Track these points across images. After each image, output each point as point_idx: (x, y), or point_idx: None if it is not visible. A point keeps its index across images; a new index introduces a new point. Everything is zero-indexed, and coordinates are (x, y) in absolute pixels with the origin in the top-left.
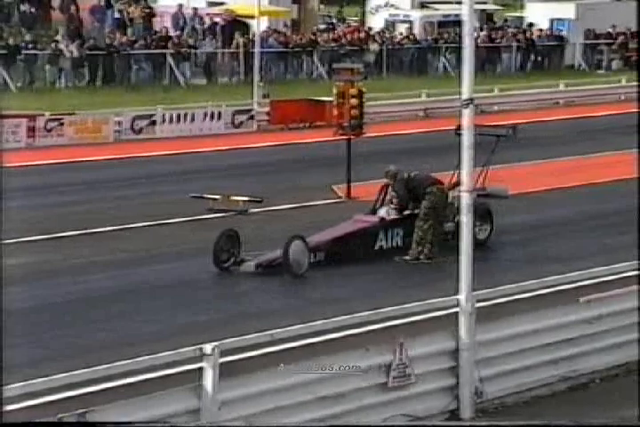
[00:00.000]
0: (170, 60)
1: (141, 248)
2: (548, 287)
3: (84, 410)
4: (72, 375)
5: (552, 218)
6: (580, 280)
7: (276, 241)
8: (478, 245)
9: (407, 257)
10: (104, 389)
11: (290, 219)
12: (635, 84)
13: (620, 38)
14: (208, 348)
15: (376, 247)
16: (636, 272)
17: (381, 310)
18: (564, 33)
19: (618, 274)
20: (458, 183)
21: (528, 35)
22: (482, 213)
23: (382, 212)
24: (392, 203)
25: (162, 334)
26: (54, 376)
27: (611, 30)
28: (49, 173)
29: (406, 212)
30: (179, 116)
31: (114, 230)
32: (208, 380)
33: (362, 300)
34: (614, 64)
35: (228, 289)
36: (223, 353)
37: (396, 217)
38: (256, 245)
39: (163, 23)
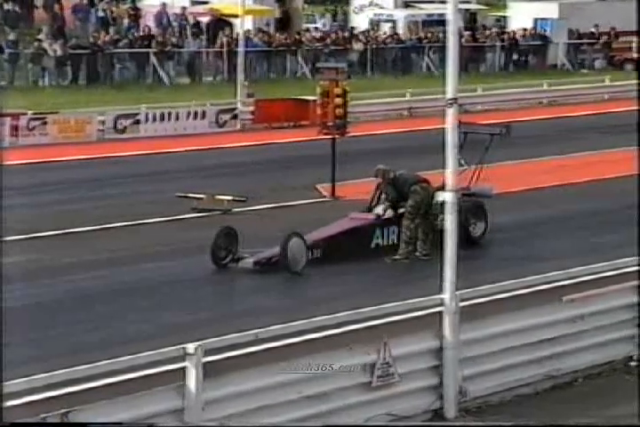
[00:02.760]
0: (154, 59)
1: (127, 248)
2: (532, 286)
3: (66, 410)
4: (54, 375)
5: (539, 217)
6: (564, 279)
7: (261, 240)
8: (472, 242)
9: (397, 256)
10: (88, 389)
11: (274, 218)
12: (618, 83)
13: (604, 38)
14: (191, 347)
15: (372, 245)
16: (614, 272)
17: (365, 310)
18: (547, 32)
19: (601, 273)
20: None
21: (511, 34)
22: (476, 211)
23: (378, 210)
24: (388, 201)
25: (152, 333)
26: (35, 376)
27: (594, 30)
28: (32, 172)
29: (401, 210)
30: (162, 116)
31: (98, 230)
32: (191, 379)
33: (354, 298)
34: (598, 63)
35: (218, 288)
36: (207, 352)
37: (391, 215)
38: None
39: (146, 22)
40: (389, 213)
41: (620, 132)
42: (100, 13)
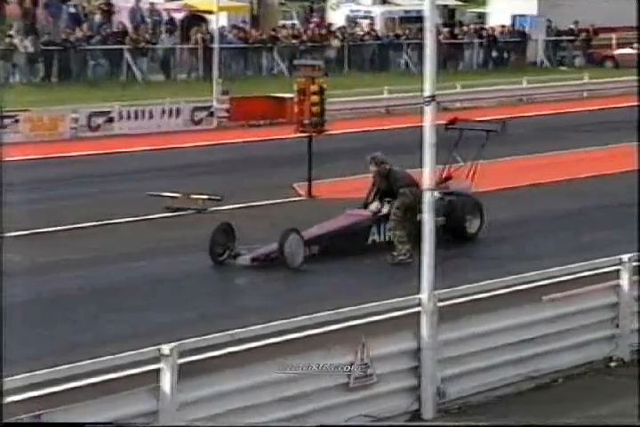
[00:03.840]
0: (127, 55)
1: (103, 247)
2: (511, 286)
3: (39, 412)
4: (30, 377)
5: (525, 215)
6: (544, 279)
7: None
8: (466, 239)
9: (401, 257)
10: (62, 390)
11: (249, 217)
12: (598, 80)
13: (583, 35)
14: (166, 348)
15: (369, 242)
16: (594, 271)
17: (343, 310)
18: (526, 29)
19: (581, 273)
20: (447, 178)
21: (490, 31)
22: (471, 208)
23: (375, 205)
24: (377, 192)
25: (133, 333)
26: (8, 378)
27: (573, 27)
28: (4, 170)
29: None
30: (136, 113)
31: (71, 229)
32: (166, 381)
33: (340, 298)
34: (577, 61)
35: (200, 287)
36: (183, 354)
37: (388, 211)
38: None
39: (119, 18)
40: (385, 209)
41: (600, 131)
42: (72, 9)
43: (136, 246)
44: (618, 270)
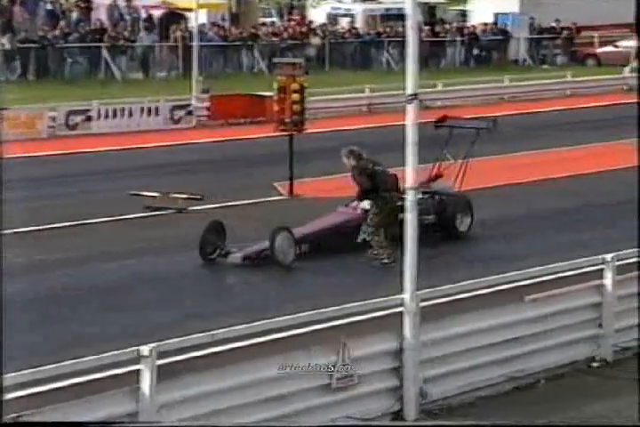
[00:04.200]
0: (105, 53)
1: (82, 247)
2: (494, 286)
3: (16, 414)
4: (7, 378)
5: (509, 214)
6: (526, 279)
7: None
8: (457, 238)
9: (385, 260)
10: (40, 392)
11: (230, 217)
12: (580, 79)
13: (565, 33)
14: (145, 349)
15: (359, 240)
16: (576, 271)
17: (325, 310)
18: (508, 27)
19: (563, 272)
20: (438, 176)
21: (472, 29)
22: (461, 206)
23: (365, 204)
24: (360, 190)
25: (117, 333)
26: None
27: (555, 25)
28: None
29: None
30: (115, 112)
31: (50, 229)
32: (145, 382)
33: (331, 297)
34: (559, 59)
35: (191, 286)
36: (162, 355)
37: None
38: (195, 245)
39: (97, 15)
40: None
41: (583, 129)
42: (49, 6)
43: (118, 246)
44: (601, 270)
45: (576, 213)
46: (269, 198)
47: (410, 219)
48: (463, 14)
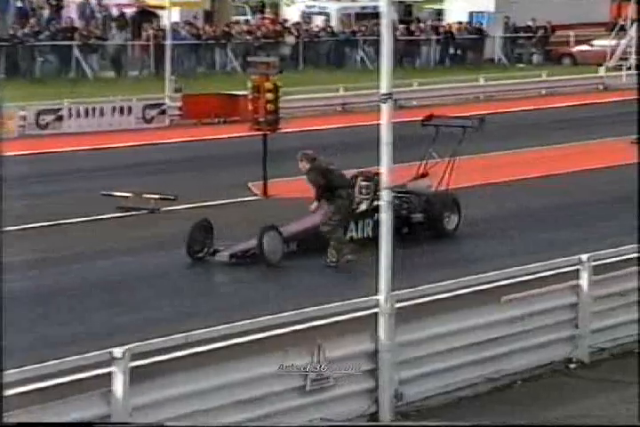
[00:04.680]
0: (76, 52)
1: (53, 248)
2: (470, 287)
3: None
4: None
5: (492, 213)
6: (503, 279)
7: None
8: (444, 236)
9: (348, 257)
10: (12, 394)
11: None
12: (556, 78)
13: (541, 32)
14: (118, 351)
15: (347, 238)
16: (553, 271)
17: (299, 311)
18: (483, 26)
19: (540, 273)
20: (424, 175)
21: (447, 28)
22: (449, 204)
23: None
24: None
25: (96, 334)
26: None
27: (531, 23)
28: None
29: (375, 202)
30: (87, 111)
31: (20, 230)
32: (118, 385)
33: (302, 298)
34: (535, 58)
35: (163, 288)
36: (135, 357)
37: (366, 208)
38: (170, 245)
39: (68, 13)
40: (363, 206)
41: (558, 129)
42: (19, 4)
43: (89, 247)
44: (577, 270)
45: (556, 212)
46: (243, 199)
47: (385, 219)
48: (438, 13)
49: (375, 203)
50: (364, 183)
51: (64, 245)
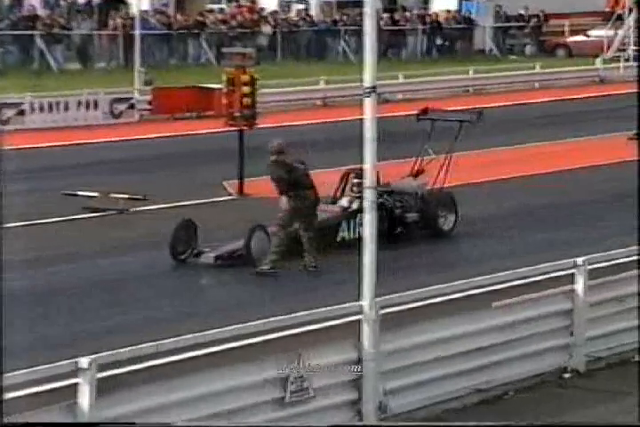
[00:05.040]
0: (39, 42)
1: (13, 251)
2: (459, 292)
3: None
4: None
5: (489, 212)
6: (494, 284)
7: (159, 243)
8: (442, 236)
9: (263, 267)
10: None
11: (176, 219)
12: (550, 70)
13: (534, 21)
14: (84, 362)
15: (338, 239)
16: (547, 275)
17: (278, 318)
18: (472, 15)
19: (533, 277)
20: (420, 172)
21: (434, 17)
22: (446, 203)
23: (344, 201)
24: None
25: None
26: None
27: (523, 12)
28: None
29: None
30: (50, 105)
31: None
32: (84, 397)
33: (300, 301)
34: (528, 49)
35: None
36: (102, 367)
37: (358, 207)
38: (136, 249)
39: (30, 1)
40: (356, 204)
41: (552, 124)
42: None
43: (51, 250)
44: (572, 274)
45: (555, 211)
46: (217, 198)
47: (368, 220)
48: (425, 1)
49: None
50: (355, 181)
51: (22, 249)
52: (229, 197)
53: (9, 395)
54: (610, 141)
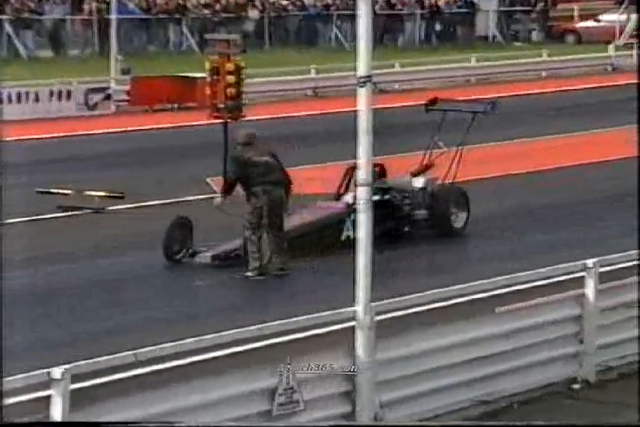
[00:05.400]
0: (8, 27)
1: None
2: (461, 296)
3: None
4: None
5: (492, 211)
6: (498, 287)
7: (139, 244)
8: (454, 235)
9: (248, 273)
10: None
11: (156, 218)
12: (558, 58)
13: (540, 5)
14: (57, 372)
15: (343, 237)
16: (556, 279)
17: (266, 325)
18: None
19: (541, 280)
20: (428, 166)
21: (433, 1)
22: (457, 198)
23: (348, 197)
24: (226, 176)
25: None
26: None
27: None
28: None
29: (376, 197)
30: (19, 96)
31: None
32: (57, 410)
33: (295, 305)
34: (534, 35)
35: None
36: (76, 378)
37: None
38: (116, 252)
39: None
40: None
41: (560, 116)
42: None
43: (23, 251)
44: (582, 277)
45: (559, 210)
46: (200, 196)
47: (363, 220)
48: None
49: (375, 198)
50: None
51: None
52: (213, 195)
53: None
54: (621, 135)
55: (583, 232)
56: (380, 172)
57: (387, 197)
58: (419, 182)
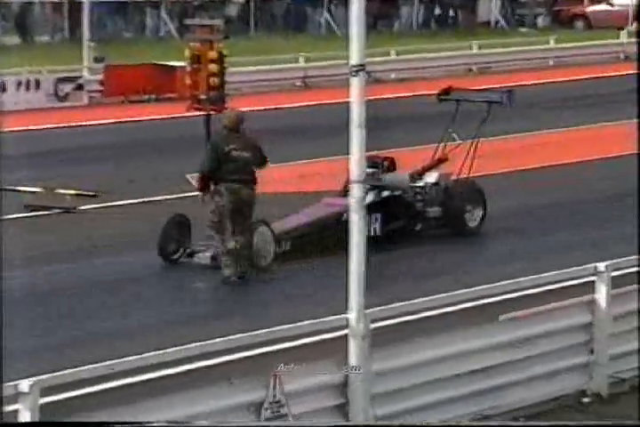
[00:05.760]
0: None
1: None
2: (461, 302)
3: None
4: None
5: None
6: (501, 293)
7: (112, 247)
8: (469, 235)
9: (227, 274)
10: None
11: (132, 218)
12: (566, 45)
13: None
14: (25, 385)
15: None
16: (565, 283)
17: (254, 333)
18: None
19: (549, 285)
20: (441, 160)
21: None
22: (472, 195)
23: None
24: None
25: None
26: None
27: None
28: None
29: (385, 193)
30: None
31: None
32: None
33: (296, 312)
34: (541, 20)
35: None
36: (46, 391)
37: (373, 199)
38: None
39: None
40: (371, 196)
41: (568, 108)
42: None
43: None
44: (592, 282)
45: (564, 210)
46: (179, 194)
47: (355, 220)
48: None
49: (384, 193)
50: (369, 170)
51: None
52: (193, 193)
53: None
54: (634, 128)
55: (581, 234)
56: (389, 165)
57: (398, 193)
58: (431, 177)
